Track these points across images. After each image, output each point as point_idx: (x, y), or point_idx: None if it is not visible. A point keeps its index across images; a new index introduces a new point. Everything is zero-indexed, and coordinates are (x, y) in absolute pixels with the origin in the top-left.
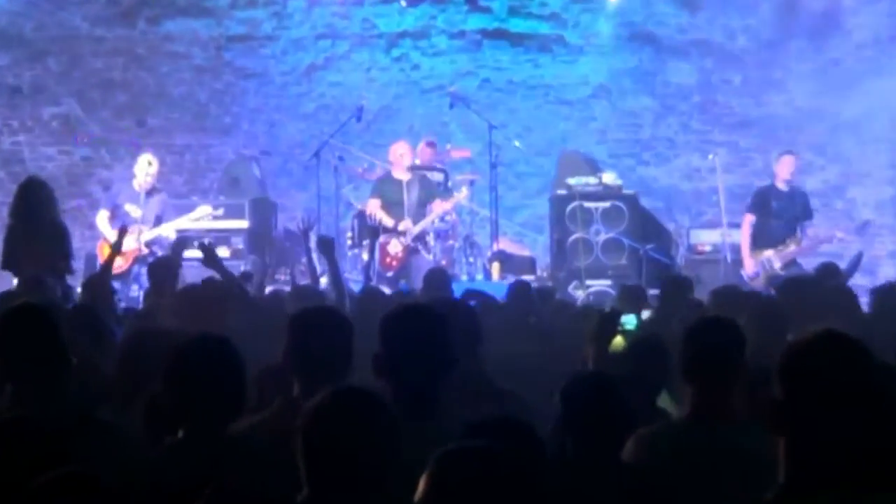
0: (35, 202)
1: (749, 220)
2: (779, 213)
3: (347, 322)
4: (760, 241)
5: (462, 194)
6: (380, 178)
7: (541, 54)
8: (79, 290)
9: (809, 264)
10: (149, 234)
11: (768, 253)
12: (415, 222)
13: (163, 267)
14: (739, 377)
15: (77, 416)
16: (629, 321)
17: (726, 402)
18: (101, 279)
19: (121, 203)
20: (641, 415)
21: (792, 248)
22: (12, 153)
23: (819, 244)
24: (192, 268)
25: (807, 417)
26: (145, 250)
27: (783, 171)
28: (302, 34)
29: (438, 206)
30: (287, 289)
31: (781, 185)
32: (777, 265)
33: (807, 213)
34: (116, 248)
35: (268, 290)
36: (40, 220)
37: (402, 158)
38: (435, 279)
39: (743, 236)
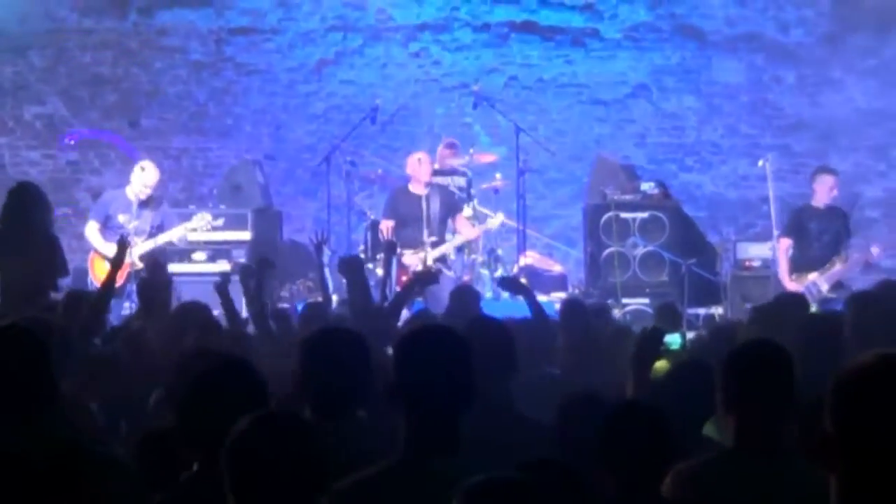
0: (27, 208)
1: (785, 244)
2: (819, 235)
3: (364, 345)
4: (801, 265)
5: (497, 220)
6: (394, 193)
7: (574, 49)
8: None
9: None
10: (142, 246)
11: (812, 276)
12: (436, 239)
13: (153, 285)
14: (786, 406)
15: (67, 448)
16: (673, 341)
17: (772, 433)
18: (101, 302)
19: (113, 213)
20: (687, 445)
21: (837, 267)
22: None
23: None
24: (185, 283)
25: (861, 452)
26: (139, 265)
27: (822, 192)
28: (311, 27)
29: (462, 225)
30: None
31: (819, 205)
32: (824, 287)
33: (847, 233)
34: (116, 264)
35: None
36: (32, 229)
37: (420, 170)
38: (462, 297)
39: (780, 261)
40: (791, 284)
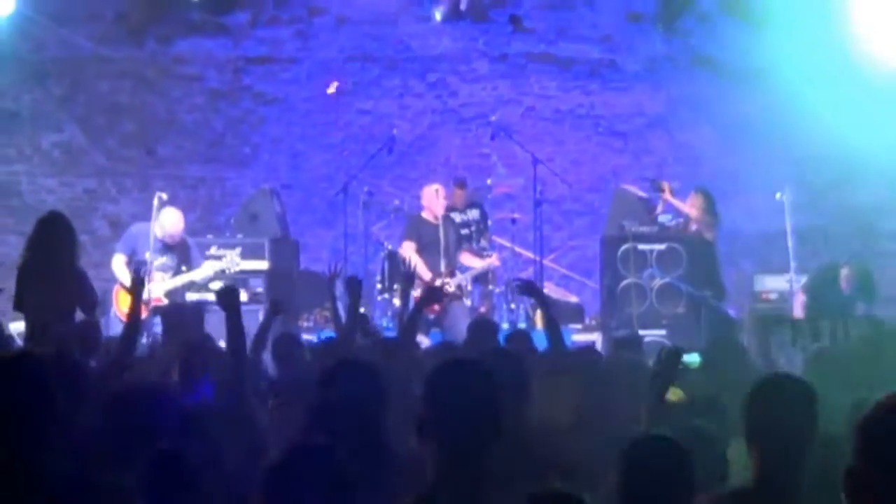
0: (56, 239)
1: (802, 300)
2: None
3: (377, 378)
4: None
5: (492, 260)
6: (412, 218)
7: (591, 80)
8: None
9: None
10: (169, 283)
11: None
12: (450, 267)
13: (178, 314)
14: (809, 440)
15: (72, 479)
16: (692, 359)
17: (794, 466)
18: (130, 338)
19: (139, 248)
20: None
21: None
22: (8, 184)
23: None
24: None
25: (885, 484)
26: (165, 301)
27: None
28: (328, 56)
29: (468, 259)
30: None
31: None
32: None
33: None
34: (135, 297)
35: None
36: (59, 261)
37: (437, 202)
38: (480, 329)
39: (796, 314)
40: None
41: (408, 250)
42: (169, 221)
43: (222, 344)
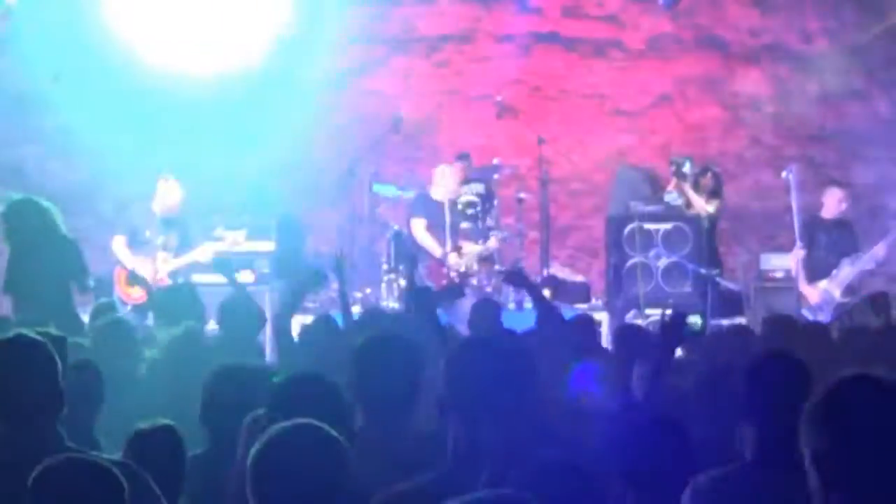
0: (34, 227)
1: (799, 254)
2: (827, 245)
3: (414, 352)
4: (810, 274)
5: (490, 243)
6: (420, 196)
7: (597, 60)
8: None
9: None
10: (171, 263)
11: (823, 284)
12: (454, 247)
13: (170, 297)
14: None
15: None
16: (695, 322)
17: (791, 445)
18: None
19: (140, 228)
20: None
21: (846, 271)
22: (13, 166)
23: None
24: (207, 294)
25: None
26: (167, 281)
27: (832, 204)
28: (334, 37)
29: (466, 247)
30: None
31: (828, 216)
32: (837, 293)
33: (855, 244)
34: None
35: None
36: (41, 239)
37: (446, 182)
38: (482, 311)
39: (796, 271)
40: (810, 292)
41: (417, 228)
42: (167, 194)
43: (212, 325)
